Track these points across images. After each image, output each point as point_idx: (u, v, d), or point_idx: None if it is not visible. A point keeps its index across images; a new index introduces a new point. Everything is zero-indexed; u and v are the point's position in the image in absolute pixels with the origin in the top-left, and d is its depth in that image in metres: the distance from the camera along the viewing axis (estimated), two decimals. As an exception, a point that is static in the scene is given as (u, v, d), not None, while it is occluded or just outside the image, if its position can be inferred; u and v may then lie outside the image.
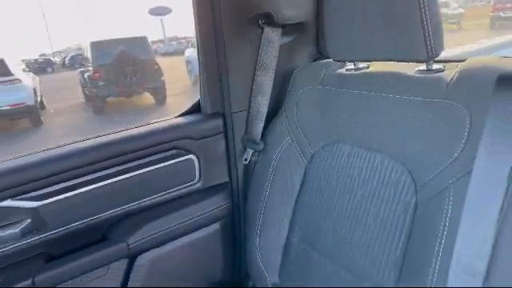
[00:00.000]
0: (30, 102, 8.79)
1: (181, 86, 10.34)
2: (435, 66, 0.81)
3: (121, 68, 9.15)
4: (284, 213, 1.03)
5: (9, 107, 8.45)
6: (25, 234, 0.94)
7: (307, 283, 0.96)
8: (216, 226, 1.18)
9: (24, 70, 10.05)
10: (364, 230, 0.84)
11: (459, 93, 0.71)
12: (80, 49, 17.84)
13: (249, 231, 1.11)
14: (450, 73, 0.76)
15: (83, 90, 11.10)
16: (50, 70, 23.88)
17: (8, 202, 0.91)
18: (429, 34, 0.73)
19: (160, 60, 10.19)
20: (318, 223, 0.95)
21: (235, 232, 1.20)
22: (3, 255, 0.93)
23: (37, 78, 10.88)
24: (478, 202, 0.63)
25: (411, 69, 0.84)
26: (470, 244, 0.62)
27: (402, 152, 0.79)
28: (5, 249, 0.93)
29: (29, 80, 9.36)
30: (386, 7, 0.77)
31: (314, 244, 0.95)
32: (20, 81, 8.71)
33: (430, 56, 0.75)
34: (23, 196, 0.92)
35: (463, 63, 0.77)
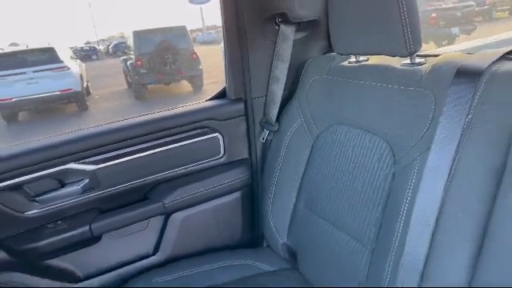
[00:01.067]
0: (78, 87, 9.37)
1: (216, 74, 10.62)
2: (418, 60, 0.96)
3: (161, 56, 9.53)
4: (293, 184, 1.22)
5: (58, 92, 9.05)
6: (84, 190, 1.19)
7: (309, 242, 1.15)
8: (237, 194, 1.39)
9: (72, 57, 10.65)
10: (352, 196, 1.02)
11: (428, 82, 0.87)
12: (123, 37, 18.55)
13: (263, 199, 1.31)
14: (427, 66, 0.92)
15: (126, 78, 11.64)
16: (94, 57, 24.91)
17: (72, 165, 1.16)
18: (407, 33, 0.89)
19: (198, 48, 10.49)
20: (318, 192, 1.13)
21: (253, 200, 1.40)
22: (68, 207, 1.19)
23: (83, 64, 11.51)
24: (433, 170, 0.80)
25: (400, 62, 1.00)
26: (425, 203, 0.79)
27: (386, 131, 0.96)
28: (69, 202, 1.18)
29: (76, 67, 9.94)
30: (375, 9, 0.93)
31: (314, 209, 1.14)
32: (68, 68, 9.29)
33: (409, 51, 0.91)
34: (84, 160, 1.17)
35: (436, 58, 0.92)
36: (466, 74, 0.79)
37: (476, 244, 0.72)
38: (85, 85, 10.35)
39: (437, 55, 0.98)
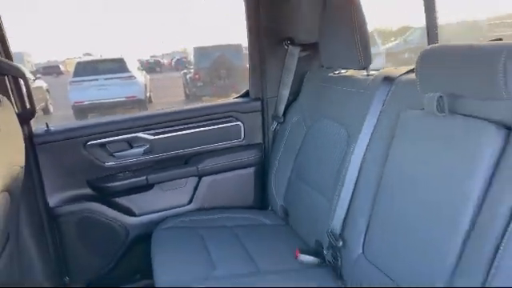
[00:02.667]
0: (141, 96, 10.36)
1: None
2: (371, 72, 1.41)
3: (217, 71, 10.30)
4: (289, 161, 1.68)
5: (124, 99, 10.07)
6: (145, 152, 1.74)
7: (296, 202, 1.61)
8: (251, 169, 1.88)
9: (138, 68, 11.76)
10: (323, 165, 1.46)
11: (370, 86, 1.32)
12: (185, 52, 19.87)
13: (270, 173, 1.79)
14: (373, 76, 1.36)
15: (184, 90, 12.58)
16: (158, 69, 26.58)
17: (139, 134, 1.71)
18: (359, 51, 1.34)
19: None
20: (305, 166, 1.59)
21: (264, 173, 1.88)
22: (133, 163, 1.74)
23: (147, 76, 12.61)
24: (362, 143, 1.24)
25: (361, 73, 1.45)
26: (355, 165, 1.24)
27: (346, 122, 1.40)
28: (135, 159, 1.73)
29: (141, 77, 10.99)
30: (341, 36, 1.39)
31: (302, 178, 1.60)
32: (135, 77, 10.33)
33: (362, 65, 1.36)
34: (147, 132, 1.72)
35: (380, 71, 1.36)
36: (386, 81, 1.24)
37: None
38: (148, 94, 11.35)
39: (379, 69, 1.42)
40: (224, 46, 10.74)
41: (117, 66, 10.33)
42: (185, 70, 12.55)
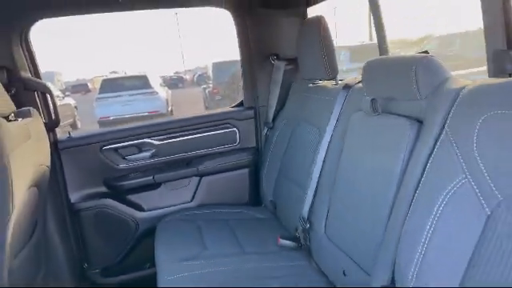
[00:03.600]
0: (163, 110, 10.79)
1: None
2: (339, 82, 1.63)
3: (234, 84, 10.63)
4: (277, 162, 1.91)
5: (147, 113, 10.52)
6: (152, 156, 2.01)
7: (282, 197, 1.83)
8: (246, 170, 2.11)
9: (161, 85, 12.26)
10: (301, 162, 1.69)
11: (334, 93, 1.54)
12: (205, 68, 20.45)
13: (261, 172, 2.02)
14: (339, 85, 1.59)
15: (204, 103, 13.00)
16: (180, 85, 27.26)
17: (146, 140, 1.99)
18: (327, 65, 1.57)
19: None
20: (289, 164, 1.82)
21: (256, 173, 2.11)
22: (142, 165, 2.01)
23: (169, 91, 13.10)
24: (326, 140, 1.46)
25: (332, 83, 1.67)
26: (320, 160, 1.46)
27: (318, 124, 1.63)
28: (143, 161, 2.00)
29: (163, 93, 11.45)
30: (311, 50, 1.62)
31: (286, 176, 1.82)
32: (157, 93, 10.80)
33: (330, 76, 1.58)
34: (153, 138, 1.99)
35: (346, 79, 1.59)
36: (345, 88, 1.47)
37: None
38: (169, 108, 11.80)
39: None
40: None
41: (140, 82, 10.83)
42: (204, 85, 12.98)
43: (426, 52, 1.18)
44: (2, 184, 1.13)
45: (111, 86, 10.78)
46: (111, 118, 10.20)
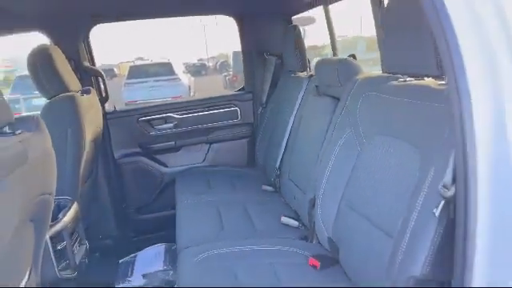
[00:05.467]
0: (186, 95, 11.51)
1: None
2: (306, 74, 2.24)
3: (252, 73, 11.22)
4: (267, 134, 2.55)
5: (170, 98, 11.28)
6: (174, 126, 2.68)
7: (268, 159, 2.47)
8: (245, 140, 2.77)
9: (184, 71, 12.99)
10: (281, 128, 2.32)
11: (302, 81, 2.16)
12: (227, 56, 21.12)
13: (257, 142, 2.67)
14: (306, 75, 2.20)
15: (224, 91, 13.68)
16: (203, 72, 27.96)
17: (170, 114, 2.66)
18: (299, 59, 2.18)
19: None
20: (274, 134, 2.45)
21: (253, 143, 2.76)
22: (166, 133, 2.68)
23: (192, 78, 13.82)
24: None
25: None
26: (289, 125, 2.10)
27: (290, 102, 2.24)
28: (168, 130, 2.68)
29: (186, 79, 12.18)
30: (291, 49, 2.24)
31: (271, 143, 2.46)
32: (180, 79, 11.54)
33: (301, 69, 2.20)
34: (175, 112, 2.66)
35: (310, 72, 2.20)
36: (308, 78, 2.10)
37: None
38: (191, 94, 12.53)
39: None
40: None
41: (165, 69, 11.60)
42: (225, 73, 13.66)
43: (354, 56, 1.80)
44: (79, 136, 1.82)
45: (138, 72, 11.59)
46: (138, 101, 11.00)
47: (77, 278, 1.61)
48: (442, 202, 0.90)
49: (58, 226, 1.53)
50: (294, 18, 2.57)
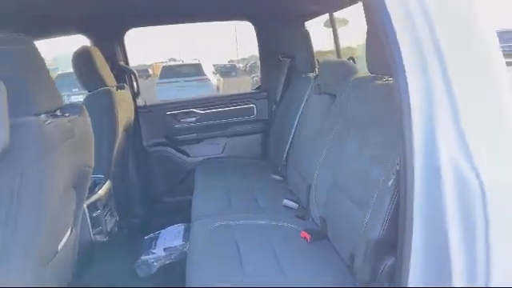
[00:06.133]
0: (213, 95, 11.91)
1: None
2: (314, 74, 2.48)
3: (278, 75, 11.46)
4: (279, 130, 2.80)
5: (199, 98, 11.68)
6: (197, 120, 2.98)
7: (278, 151, 2.72)
8: (260, 134, 3.04)
9: (213, 72, 13.41)
10: (289, 124, 2.57)
11: (309, 80, 2.40)
12: (256, 58, 21.49)
13: (270, 137, 2.93)
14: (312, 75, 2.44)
15: (251, 91, 13.94)
16: (233, 74, 28.38)
17: (193, 109, 2.96)
18: (307, 60, 2.42)
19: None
20: (285, 129, 2.70)
21: (266, 138, 3.01)
22: (189, 126, 2.98)
23: (221, 79, 14.22)
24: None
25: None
26: (296, 120, 2.35)
27: (298, 100, 2.49)
28: (191, 123, 2.98)
29: (215, 80, 12.58)
30: (301, 52, 2.49)
31: (282, 138, 2.71)
32: (209, 80, 11.95)
33: (309, 69, 2.44)
34: (198, 108, 2.96)
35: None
36: (314, 78, 2.34)
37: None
38: (219, 94, 12.93)
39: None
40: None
41: (195, 70, 12.06)
42: (254, 74, 13.96)
43: (353, 59, 2.03)
44: (113, 125, 2.14)
45: (170, 72, 12.11)
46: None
47: (108, 243, 1.92)
48: (394, 177, 1.13)
49: (93, 197, 1.84)
50: (324, 20, 2.80)
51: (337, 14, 2.76)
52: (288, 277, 1.39)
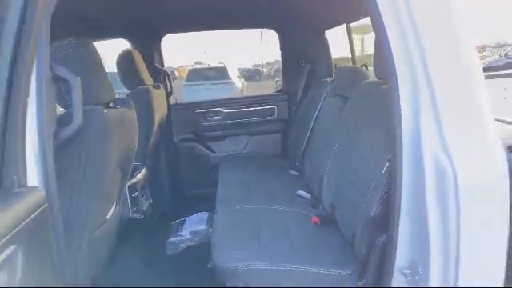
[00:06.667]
0: (237, 98, 12.23)
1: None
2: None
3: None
4: (298, 130, 3.04)
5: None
6: (222, 119, 3.25)
7: (296, 149, 2.96)
8: (279, 134, 3.28)
9: (238, 76, 13.75)
10: (307, 124, 2.80)
11: (326, 84, 2.63)
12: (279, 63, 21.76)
13: (290, 136, 3.17)
14: (330, 79, 2.67)
15: (275, 95, 14.17)
16: (257, 78, 28.70)
17: (219, 108, 3.23)
18: (325, 66, 2.66)
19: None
20: (303, 128, 2.94)
21: (287, 136, 3.25)
22: (215, 124, 3.26)
23: (245, 83, 14.55)
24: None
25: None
26: (313, 120, 2.58)
27: (316, 101, 2.72)
28: (216, 122, 3.25)
29: (239, 84, 12.92)
30: (320, 57, 2.73)
31: (300, 136, 2.94)
32: (233, 83, 12.30)
33: (328, 74, 2.68)
34: (223, 107, 3.23)
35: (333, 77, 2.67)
36: (330, 82, 2.57)
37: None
38: (243, 97, 13.23)
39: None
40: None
41: (220, 73, 12.44)
42: (277, 79, 14.22)
43: (366, 66, 2.26)
44: (149, 119, 2.43)
45: (196, 75, 12.53)
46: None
47: (142, 221, 2.21)
48: (387, 164, 1.36)
49: (133, 180, 2.13)
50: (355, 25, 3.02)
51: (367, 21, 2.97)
52: (297, 252, 1.61)
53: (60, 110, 1.34)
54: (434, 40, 1.19)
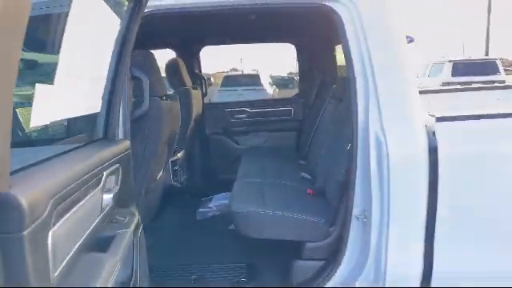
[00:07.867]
0: (268, 105, 12.89)
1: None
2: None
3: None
4: (310, 128, 3.64)
5: (255, 106, 12.75)
6: (247, 117, 3.90)
7: (309, 144, 3.56)
8: (294, 132, 3.90)
9: (269, 83, 14.46)
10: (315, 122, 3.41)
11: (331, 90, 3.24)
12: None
13: (303, 133, 3.78)
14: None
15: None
16: (291, 85, 29.17)
17: (245, 108, 3.89)
18: (332, 74, 3.27)
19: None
20: (313, 127, 3.54)
21: (301, 134, 3.85)
22: (241, 121, 3.92)
23: (277, 90, 15.21)
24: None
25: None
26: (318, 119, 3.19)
27: (321, 105, 3.33)
28: (242, 120, 3.91)
29: (270, 90, 13.62)
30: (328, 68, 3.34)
31: (309, 133, 3.55)
32: (265, 90, 12.99)
33: (333, 82, 3.28)
34: (248, 107, 3.89)
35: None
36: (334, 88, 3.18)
37: None
38: (274, 104, 13.87)
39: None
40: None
41: (252, 80, 13.18)
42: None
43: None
44: (189, 114, 3.12)
45: (230, 81, 13.32)
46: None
47: (180, 191, 2.89)
48: (350, 144, 1.96)
49: (175, 157, 2.81)
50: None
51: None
52: (289, 206, 2.22)
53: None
54: (380, 50, 1.80)
